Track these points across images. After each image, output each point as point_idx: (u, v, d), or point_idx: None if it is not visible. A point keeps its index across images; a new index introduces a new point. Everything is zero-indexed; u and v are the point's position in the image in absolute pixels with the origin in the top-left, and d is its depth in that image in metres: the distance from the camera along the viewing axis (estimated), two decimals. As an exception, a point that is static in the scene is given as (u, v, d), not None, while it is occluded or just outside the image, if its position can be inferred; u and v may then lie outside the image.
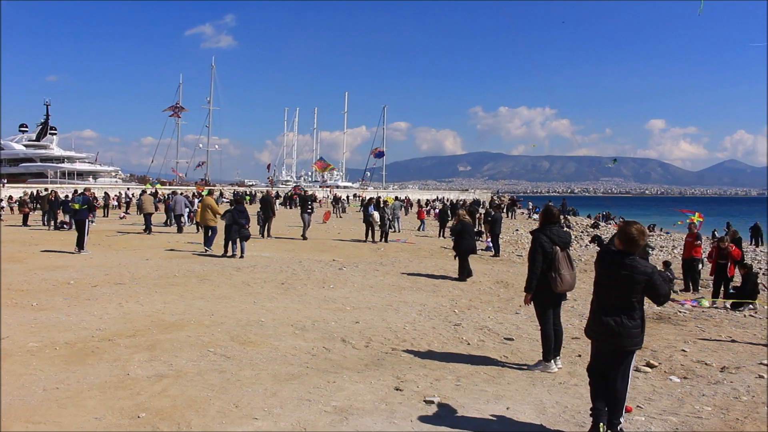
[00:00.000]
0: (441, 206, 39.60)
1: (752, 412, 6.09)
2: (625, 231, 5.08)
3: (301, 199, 24.62)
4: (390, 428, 5.16)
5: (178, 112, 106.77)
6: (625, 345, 5.02)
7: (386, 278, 14.09)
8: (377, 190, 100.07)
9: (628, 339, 5.00)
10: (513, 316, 10.48)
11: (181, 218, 25.81)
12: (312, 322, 9.15)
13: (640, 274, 4.94)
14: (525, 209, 58.44)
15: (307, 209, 23.72)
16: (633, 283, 4.95)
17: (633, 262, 4.99)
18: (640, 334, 5.07)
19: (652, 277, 4.96)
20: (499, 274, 16.01)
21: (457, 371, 6.98)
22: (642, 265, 5.00)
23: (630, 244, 5.03)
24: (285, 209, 51.61)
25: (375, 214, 23.31)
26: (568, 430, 5.31)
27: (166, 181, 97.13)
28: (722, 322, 11.28)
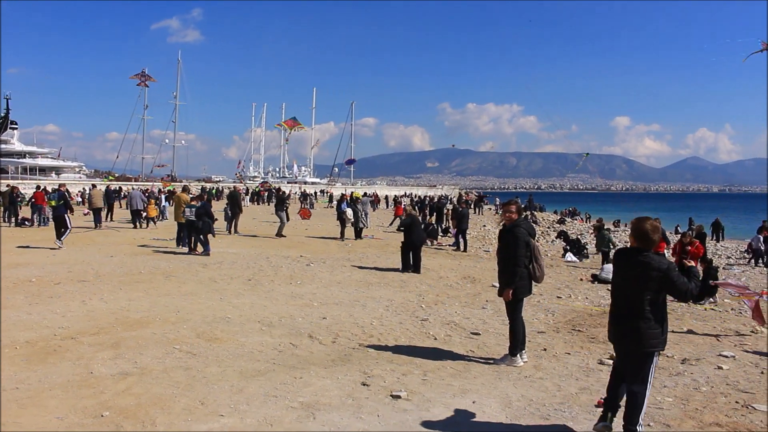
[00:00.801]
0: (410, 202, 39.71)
1: (711, 402, 6.23)
2: (637, 227, 4.98)
3: (278, 197, 24.19)
4: (356, 423, 5.17)
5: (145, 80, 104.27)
6: (643, 346, 4.84)
7: (354, 274, 14.10)
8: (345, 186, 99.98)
9: (645, 340, 4.82)
10: (480, 311, 10.56)
11: (140, 213, 25.34)
12: (279, 318, 9.12)
13: (653, 270, 4.78)
14: (492, 205, 58.81)
15: (284, 207, 23.46)
16: (647, 279, 4.79)
17: (646, 258, 4.85)
18: (660, 335, 4.88)
19: (668, 273, 4.79)
20: (467, 269, 16.11)
21: (424, 366, 7.01)
22: (656, 261, 4.84)
23: (643, 240, 4.92)
24: (253, 205, 51.30)
25: (348, 211, 23.11)
26: (533, 422, 5.37)
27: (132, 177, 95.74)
28: (683, 315, 11.49)
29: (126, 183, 68.22)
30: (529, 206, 47.41)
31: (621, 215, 58.70)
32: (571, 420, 5.46)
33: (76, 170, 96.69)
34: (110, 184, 38.04)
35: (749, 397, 6.43)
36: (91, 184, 41.36)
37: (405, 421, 5.25)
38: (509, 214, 7.48)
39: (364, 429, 5.07)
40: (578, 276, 16.75)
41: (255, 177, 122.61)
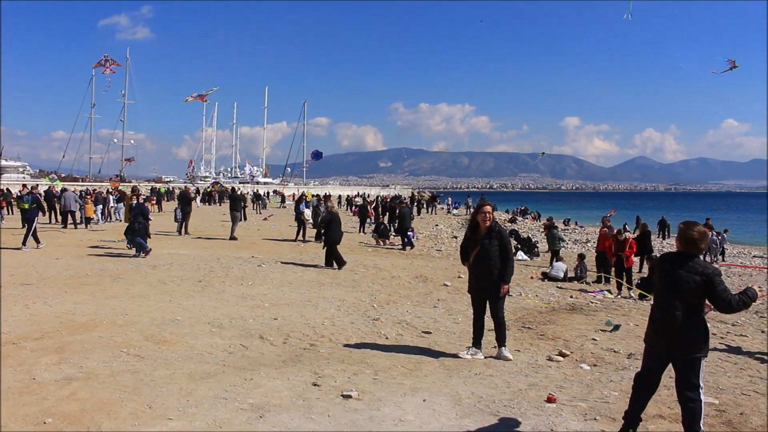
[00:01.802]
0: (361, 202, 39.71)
1: (655, 395, 6.36)
2: (685, 234, 4.91)
3: (233, 197, 23.73)
4: (307, 424, 5.15)
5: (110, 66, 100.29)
6: (693, 351, 4.77)
7: (306, 274, 14.05)
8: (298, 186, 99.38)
9: (690, 345, 4.76)
10: (431, 310, 10.63)
11: (74, 215, 24.68)
12: (229, 320, 9.03)
13: (698, 275, 4.74)
14: (445, 205, 59.21)
15: (239, 207, 23.12)
16: (692, 284, 4.74)
17: (692, 262, 4.82)
18: (704, 341, 4.82)
19: (712, 278, 4.74)
20: (419, 269, 16.20)
21: (375, 365, 7.03)
22: (701, 266, 4.81)
23: (690, 245, 4.86)
24: (205, 206, 50.66)
25: (306, 212, 22.80)
26: (483, 419, 5.42)
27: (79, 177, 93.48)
28: (630, 311, 11.76)
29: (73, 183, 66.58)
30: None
31: (571, 214, 59.84)
32: (520, 416, 5.53)
33: (19, 170, 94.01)
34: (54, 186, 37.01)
35: (691, 389, 6.59)
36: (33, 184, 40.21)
37: (355, 421, 5.25)
38: (488, 215, 7.67)
39: (314, 429, 5.05)
40: (529, 274, 17.01)
41: (206, 177, 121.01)
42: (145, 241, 15.88)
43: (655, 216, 43.58)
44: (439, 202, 60.06)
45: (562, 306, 11.99)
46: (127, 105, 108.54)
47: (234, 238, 21.70)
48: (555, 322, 10.24)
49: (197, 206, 47.56)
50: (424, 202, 56.16)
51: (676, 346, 4.79)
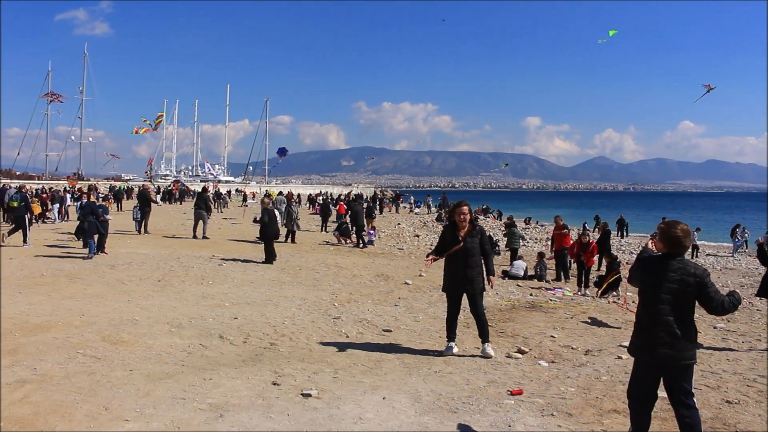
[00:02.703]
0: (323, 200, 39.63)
1: (611, 390, 6.52)
2: (668, 233, 4.70)
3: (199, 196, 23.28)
4: (266, 423, 5.14)
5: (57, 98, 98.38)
6: (679, 359, 4.53)
7: (267, 273, 13.98)
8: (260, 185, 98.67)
9: (682, 352, 4.52)
10: (392, 308, 10.67)
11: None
12: (189, 320, 8.94)
13: (690, 276, 4.53)
14: (407, 204, 59.36)
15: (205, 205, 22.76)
16: (684, 285, 4.52)
17: (681, 264, 4.60)
18: (695, 346, 4.63)
19: (705, 280, 4.54)
20: (380, 267, 16.23)
21: (336, 364, 7.04)
22: (692, 267, 4.60)
23: (676, 244, 4.65)
24: (165, 205, 50.00)
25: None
26: (441, 416, 5.47)
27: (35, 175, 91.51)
28: (588, 308, 11.96)
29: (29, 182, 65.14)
30: (442, 205, 48.06)
31: (532, 212, 60.47)
32: (478, 412, 5.58)
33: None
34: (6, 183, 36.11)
35: (645, 384, 6.74)
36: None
37: (315, 420, 5.25)
38: (466, 216, 7.73)
39: (273, 428, 5.04)
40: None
41: (167, 175, 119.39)
42: (96, 240, 15.45)
43: (614, 215, 44.30)
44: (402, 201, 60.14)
45: (521, 304, 12.12)
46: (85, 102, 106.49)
47: (206, 237, 21.39)
48: (514, 320, 10.36)
49: (158, 205, 46.99)
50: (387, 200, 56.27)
51: (671, 353, 4.51)
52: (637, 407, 4.75)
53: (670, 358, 4.52)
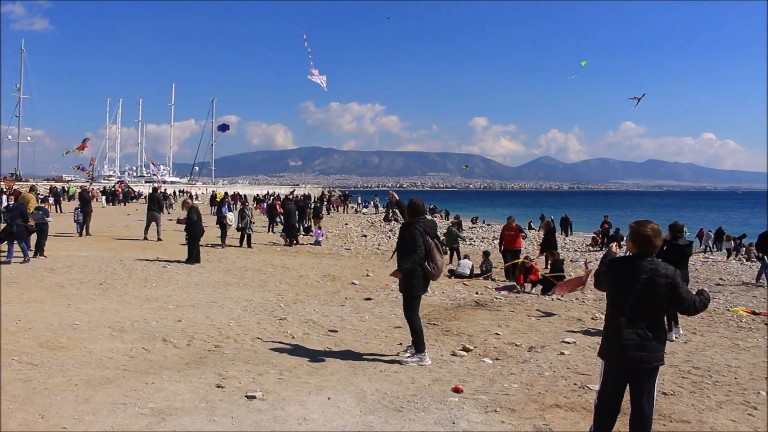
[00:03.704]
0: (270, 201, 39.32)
1: (553, 385, 6.65)
2: (638, 232, 4.62)
3: (152, 197, 22.74)
4: (209, 426, 5.08)
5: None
6: (651, 360, 4.48)
7: (212, 275, 13.81)
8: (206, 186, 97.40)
9: (653, 353, 4.47)
10: (338, 309, 10.66)
11: None
12: (131, 323, 8.77)
13: (661, 277, 4.46)
14: (355, 204, 59.39)
15: (159, 207, 22.24)
16: (655, 287, 4.46)
17: (653, 264, 4.53)
18: (663, 347, 4.58)
19: (676, 280, 4.49)
20: (327, 267, 16.20)
21: (281, 365, 7.00)
22: (664, 268, 4.52)
23: (646, 244, 4.57)
24: (109, 206, 48.94)
25: (229, 215, 21.69)
26: (386, 414, 5.49)
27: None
28: (532, 306, 12.14)
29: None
30: (390, 204, 48.25)
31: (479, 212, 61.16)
32: (423, 411, 5.63)
33: None
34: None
35: (586, 378, 6.92)
36: None
37: (259, 421, 5.22)
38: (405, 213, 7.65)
39: (216, 431, 5.00)
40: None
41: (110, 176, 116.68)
42: (27, 244, 14.78)
43: (558, 214, 45.11)
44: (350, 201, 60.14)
45: (467, 302, 12.25)
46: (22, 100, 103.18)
47: (160, 240, 20.94)
48: (460, 318, 10.46)
49: (102, 206, 45.96)
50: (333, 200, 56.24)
51: (643, 355, 4.46)
52: (607, 409, 4.67)
53: (643, 360, 4.46)
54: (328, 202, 50.72)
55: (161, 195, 25.94)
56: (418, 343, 7.38)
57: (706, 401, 6.35)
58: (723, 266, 23.78)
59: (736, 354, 8.75)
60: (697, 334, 10.03)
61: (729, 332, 10.42)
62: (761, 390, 6.83)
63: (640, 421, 4.59)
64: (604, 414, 4.68)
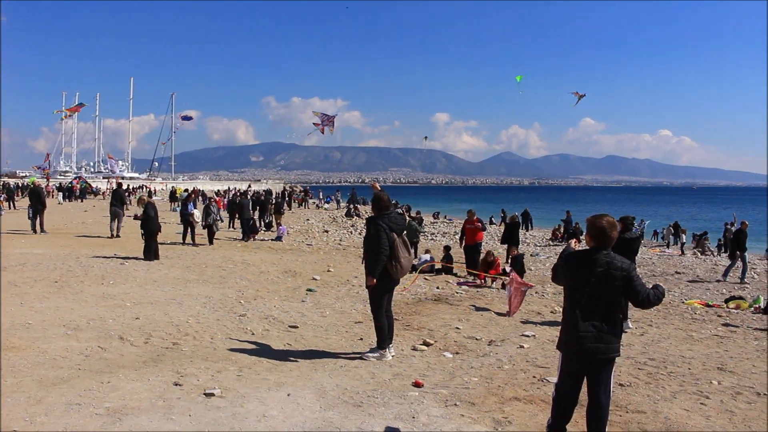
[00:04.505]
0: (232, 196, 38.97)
1: (512, 378, 6.71)
2: (594, 224, 4.65)
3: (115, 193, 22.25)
4: (166, 425, 5.00)
5: None
6: (607, 352, 4.55)
7: (171, 272, 13.63)
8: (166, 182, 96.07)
9: (609, 345, 4.54)
10: (299, 305, 10.61)
11: None
12: (87, 321, 8.59)
13: (617, 270, 4.52)
14: (316, 199, 59.23)
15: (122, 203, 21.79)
16: (611, 280, 4.51)
17: (609, 258, 4.57)
18: (619, 340, 4.65)
19: (631, 273, 4.56)
20: (288, 263, 16.11)
21: (240, 362, 6.94)
22: (619, 261, 4.58)
23: (602, 238, 4.61)
24: (66, 202, 47.99)
25: (195, 213, 20.65)
26: (346, 410, 5.47)
27: None
28: (493, 300, 12.25)
29: None
30: (352, 200, 48.19)
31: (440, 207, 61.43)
32: (383, 405, 5.62)
33: None
34: None
35: (545, 371, 7.00)
36: None
37: (218, 419, 5.15)
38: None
39: (174, 430, 4.92)
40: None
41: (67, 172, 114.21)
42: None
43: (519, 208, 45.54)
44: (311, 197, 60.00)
45: (428, 297, 12.30)
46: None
47: (117, 236, 20.54)
48: (420, 313, 10.50)
49: (58, 203, 45.06)
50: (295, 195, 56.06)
51: (601, 347, 4.52)
52: (565, 400, 4.72)
53: (600, 351, 4.51)
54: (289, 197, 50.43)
55: (125, 191, 25.46)
56: (381, 340, 7.36)
57: (661, 391, 6.48)
58: (678, 260, 24.25)
59: (690, 345, 8.94)
60: (653, 327, 10.22)
61: (684, 324, 10.65)
62: (713, 380, 6.99)
63: (597, 412, 4.65)
64: (561, 406, 4.73)
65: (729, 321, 11.17)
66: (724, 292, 15.27)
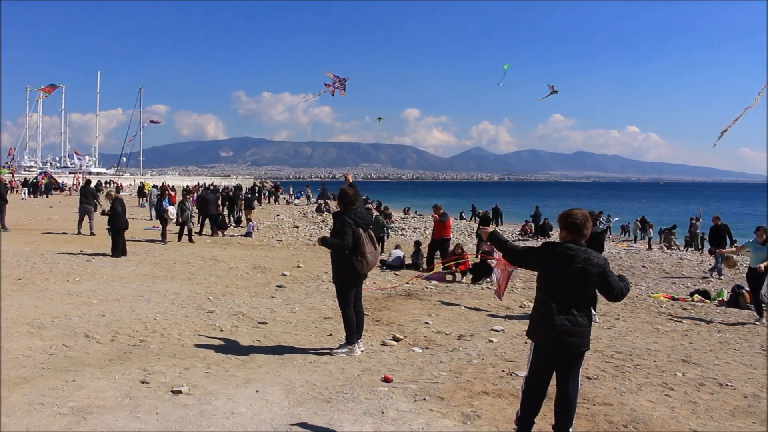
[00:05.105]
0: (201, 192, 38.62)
1: (481, 373, 6.75)
2: (569, 218, 4.65)
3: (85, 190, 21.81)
4: (133, 423, 4.94)
5: None
6: (580, 346, 4.59)
7: (139, 268, 13.45)
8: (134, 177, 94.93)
9: (582, 339, 4.58)
10: (268, 300, 10.55)
11: None
12: (51, 319, 8.44)
13: (594, 267, 4.54)
14: (287, 195, 58.94)
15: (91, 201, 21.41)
16: (588, 276, 4.54)
17: (586, 254, 4.58)
18: (589, 333, 4.68)
19: (606, 269, 4.60)
20: (258, 259, 16.02)
21: (208, 359, 6.88)
22: (595, 257, 4.61)
23: (576, 231, 4.61)
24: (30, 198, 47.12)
25: (170, 209, 20.09)
26: (315, 406, 5.45)
27: None
28: (462, 295, 12.31)
29: None
30: (322, 195, 48.06)
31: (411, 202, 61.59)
32: (352, 401, 5.62)
33: None
34: None
35: (513, 365, 7.05)
36: None
37: (185, 417, 5.11)
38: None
39: (140, 428, 4.86)
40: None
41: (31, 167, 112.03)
42: None
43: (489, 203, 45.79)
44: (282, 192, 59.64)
45: (398, 292, 12.31)
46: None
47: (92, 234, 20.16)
48: (390, 308, 10.50)
49: (21, 198, 44.28)
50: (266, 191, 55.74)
51: (575, 341, 4.55)
52: (535, 396, 4.72)
53: (575, 345, 4.55)
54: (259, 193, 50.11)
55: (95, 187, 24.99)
56: (349, 335, 7.34)
57: (627, 384, 6.56)
58: (645, 254, 24.59)
59: (656, 338, 9.08)
60: (620, 320, 10.35)
61: (650, 317, 10.82)
62: (678, 372, 7.11)
63: (566, 404, 4.70)
64: (531, 398, 4.73)
65: (694, 314, 11.37)
66: (689, 286, 15.52)
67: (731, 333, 9.84)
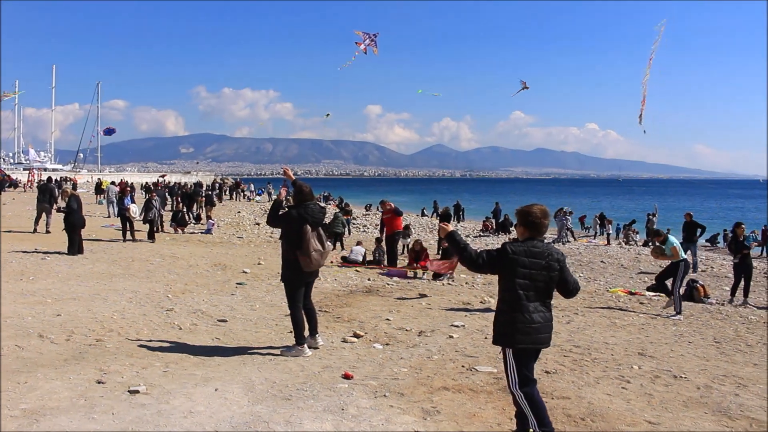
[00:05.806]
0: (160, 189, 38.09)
1: (441, 368, 6.77)
2: (528, 214, 4.56)
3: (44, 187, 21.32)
4: (88, 424, 4.84)
5: None
6: (549, 341, 4.60)
7: (96, 266, 13.23)
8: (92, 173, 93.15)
9: (550, 335, 4.58)
10: (228, 298, 10.46)
11: None
12: (3, 319, 8.23)
13: (555, 261, 4.53)
14: (249, 192, 58.49)
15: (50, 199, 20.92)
16: (551, 270, 4.51)
17: (548, 249, 4.55)
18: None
19: (564, 263, 4.60)
20: (218, 256, 15.89)
21: (166, 357, 6.78)
22: (555, 252, 4.59)
23: (535, 227, 4.55)
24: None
25: (132, 207, 19.43)
26: (275, 404, 5.41)
27: None
28: (423, 291, 12.34)
29: None
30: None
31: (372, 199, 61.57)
32: (312, 398, 5.58)
33: None
34: None
35: (473, 360, 7.09)
36: None
37: (142, 417, 5.02)
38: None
39: (95, 429, 4.77)
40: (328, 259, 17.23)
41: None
42: None
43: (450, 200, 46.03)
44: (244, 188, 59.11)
45: (359, 289, 12.31)
46: None
47: (48, 232, 19.68)
48: (351, 305, 10.49)
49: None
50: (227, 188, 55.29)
51: (546, 337, 4.53)
52: (536, 396, 4.57)
53: (546, 341, 4.55)
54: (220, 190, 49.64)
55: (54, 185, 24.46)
56: (298, 335, 7.18)
57: (585, 377, 6.65)
58: (604, 249, 24.96)
59: (613, 332, 9.23)
60: (578, 314, 10.50)
61: (608, 311, 10.97)
62: (634, 365, 7.23)
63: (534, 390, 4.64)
64: (536, 402, 4.54)
65: (650, 309, 11.59)
66: (646, 281, 15.80)
67: (685, 326, 10.04)
